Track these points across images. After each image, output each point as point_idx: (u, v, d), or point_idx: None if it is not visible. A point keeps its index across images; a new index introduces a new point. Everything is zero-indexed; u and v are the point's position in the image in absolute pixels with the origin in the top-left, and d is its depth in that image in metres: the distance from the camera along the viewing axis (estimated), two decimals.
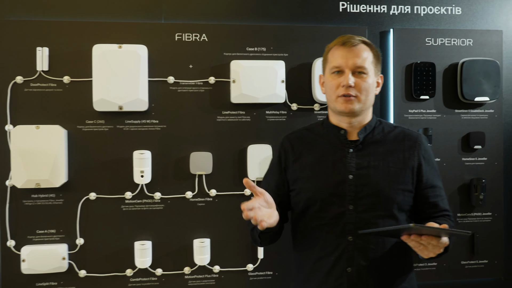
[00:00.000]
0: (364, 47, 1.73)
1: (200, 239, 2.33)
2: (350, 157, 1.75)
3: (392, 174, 1.71)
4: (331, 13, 2.49)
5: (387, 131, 1.79)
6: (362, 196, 1.70)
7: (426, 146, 1.78)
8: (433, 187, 1.76)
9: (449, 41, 2.54)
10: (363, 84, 1.70)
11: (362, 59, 1.71)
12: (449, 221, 1.74)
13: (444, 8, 2.58)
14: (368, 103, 1.75)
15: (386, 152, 1.74)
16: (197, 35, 2.34)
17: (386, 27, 2.54)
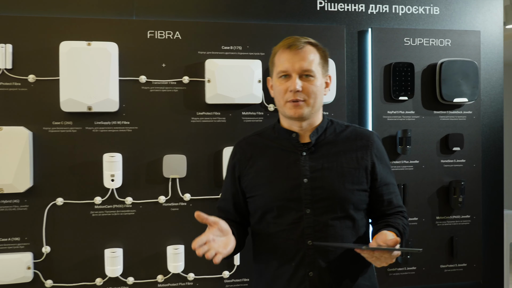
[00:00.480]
0: (311, 48, 1.70)
1: (174, 245, 2.23)
2: (304, 160, 1.71)
3: (346, 174, 1.69)
4: (308, 11, 2.43)
5: (339, 131, 1.77)
6: (319, 199, 1.67)
7: (378, 145, 1.77)
8: (386, 184, 1.76)
9: (428, 41, 2.50)
10: (311, 88, 1.67)
11: (308, 62, 1.67)
12: (402, 219, 1.74)
13: (422, 7, 2.55)
14: (318, 105, 1.71)
15: (339, 153, 1.72)
16: (170, 32, 2.25)
17: (364, 26, 2.49)
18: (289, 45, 1.69)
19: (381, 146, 1.79)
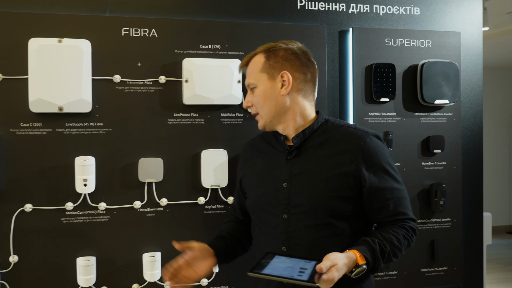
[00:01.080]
0: (255, 58, 1.72)
1: (150, 253, 2.13)
2: (286, 164, 1.68)
3: (326, 179, 1.62)
4: (288, 10, 2.36)
5: (330, 133, 1.69)
6: (295, 205, 1.64)
7: (370, 147, 1.64)
8: (380, 190, 1.63)
9: (408, 42, 2.47)
10: (255, 99, 1.71)
11: (248, 75, 1.73)
12: (396, 230, 1.62)
13: (402, 8, 2.51)
14: (273, 111, 1.69)
15: (323, 157, 1.65)
16: (146, 30, 2.15)
17: (345, 26, 2.43)
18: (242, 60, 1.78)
19: (375, 148, 1.65)
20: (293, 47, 1.72)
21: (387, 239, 1.58)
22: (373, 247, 1.54)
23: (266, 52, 1.70)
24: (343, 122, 1.74)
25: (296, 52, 1.71)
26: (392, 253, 1.58)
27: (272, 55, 1.69)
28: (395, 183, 1.66)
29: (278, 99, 1.68)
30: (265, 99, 1.68)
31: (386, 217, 1.65)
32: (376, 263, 1.53)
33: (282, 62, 1.68)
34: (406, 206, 1.67)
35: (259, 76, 1.69)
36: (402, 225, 1.64)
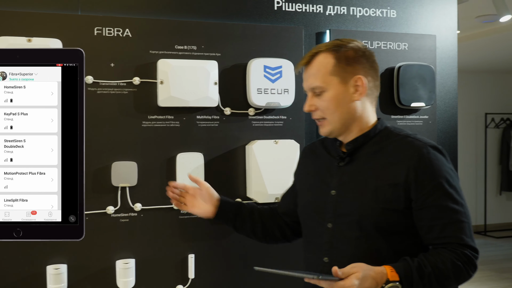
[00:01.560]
0: (323, 56, 1.56)
1: (124, 259, 2.06)
2: (337, 171, 1.60)
3: (374, 190, 1.51)
4: (265, 11, 2.32)
5: (387, 141, 1.58)
6: (340, 214, 1.55)
7: (425, 159, 1.49)
8: (428, 207, 1.47)
9: (385, 45, 2.46)
10: (323, 104, 1.56)
11: (314, 77, 1.57)
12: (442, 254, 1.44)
13: (379, 10, 2.50)
14: (344, 118, 1.56)
15: (375, 166, 1.55)
16: (120, 29, 2.08)
17: (322, 28, 2.41)
18: (301, 60, 1.61)
19: (432, 161, 1.50)
20: (361, 47, 1.61)
21: (429, 260, 1.43)
22: (410, 265, 1.40)
23: (334, 52, 1.56)
24: (404, 131, 1.62)
25: (365, 53, 1.61)
26: (436, 277, 1.40)
27: (343, 56, 1.56)
28: (451, 202, 1.48)
29: (350, 105, 1.56)
30: (337, 104, 1.55)
31: (435, 238, 1.48)
32: (414, 284, 1.38)
33: (354, 64, 1.57)
34: (463, 230, 1.47)
35: (329, 79, 1.55)
36: (454, 249, 1.45)
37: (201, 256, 2.17)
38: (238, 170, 2.22)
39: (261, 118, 2.25)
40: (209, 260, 2.19)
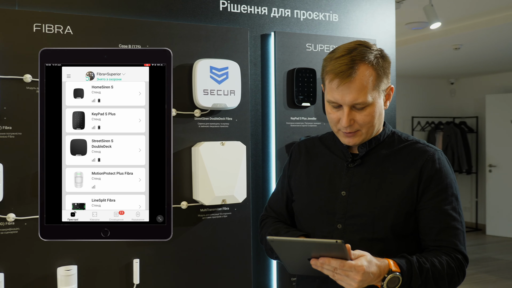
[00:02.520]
0: (363, 70, 1.46)
1: (66, 266, 1.97)
2: (347, 172, 1.58)
3: (387, 192, 1.52)
4: (211, 11, 2.30)
5: (397, 146, 1.59)
6: (352, 215, 1.54)
7: (436, 164, 1.53)
8: (432, 209, 1.51)
9: (328, 48, 2.50)
10: (365, 118, 1.50)
11: (360, 93, 1.46)
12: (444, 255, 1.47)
13: (322, 14, 2.54)
14: (375, 128, 1.55)
15: (387, 169, 1.55)
16: (60, 27, 2.00)
17: (267, 30, 2.42)
18: (340, 72, 1.46)
19: (440, 166, 1.54)
20: (384, 52, 1.57)
21: (428, 258, 1.45)
22: (410, 260, 1.42)
23: (373, 65, 1.48)
24: (411, 137, 1.64)
25: (388, 59, 1.57)
26: (433, 275, 1.43)
27: (380, 68, 1.50)
28: (450, 208, 1.52)
29: (382, 115, 1.56)
30: (376, 117, 1.52)
31: (431, 240, 1.52)
32: (413, 277, 1.40)
33: (388, 75, 1.54)
34: (458, 237, 1.51)
35: (372, 94, 1.48)
36: (448, 252, 1.49)
37: (146, 261, 2.12)
38: (184, 172, 2.18)
39: (207, 119, 2.22)
40: (154, 265, 2.13)
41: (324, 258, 1.33)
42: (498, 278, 6.09)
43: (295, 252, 1.42)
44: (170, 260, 2.16)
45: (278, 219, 1.79)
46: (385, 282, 1.37)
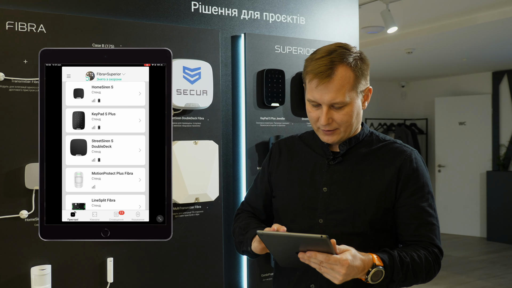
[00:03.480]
0: (342, 71, 1.53)
1: (39, 266, 1.96)
2: (328, 169, 1.64)
3: (367, 189, 1.60)
4: (183, 12, 2.33)
5: (376, 145, 1.67)
6: (333, 211, 1.60)
7: (413, 164, 1.62)
8: (409, 206, 1.59)
9: (296, 50, 2.57)
10: (343, 117, 1.57)
11: (339, 93, 1.53)
12: (422, 249, 1.54)
13: (290, 17, 2.60)
14: (353, 127, 1.62)
15: (367, 167, 1.63)
16: (34, 25, 1.99)
17: (237, 31, 2.46)
18: (319, 72, 1.52)
19: (416, 166, 1.62)
20: (363, 54, 1.62)
21: (407, 252, 1.52)
22: (392, 254, 1.49)
23: (351, 66, 1.54)
24: (388, 137, 1.71)
25: (367, 61, 1.62)
26: (412, 268, 1.50)
27: (359, 69, 1.56)
28: (427, 205, 1.60)
29: (360, 115, 1.62)
30: (354, 117, 1.58)
31: (410, 236, 1.59)
32: (395, 271, 1.46)
33: (367, 76, 1.60)
34: (434, 232, 1.59)
35: (350, 94, 1.55)
36: (426, 247, 1.57)
37: (120, 259, 2.13)
38: None
39: (180, 119, 2.25)
40: (129, 264, 2.15)
41: (311, 252, 1.38)
42: (449, 274, 6.32)
43: (283, 246, 1.47)
44: (143, 258, 2.17)
45: (252, 213, 1.84)
46: (369, 276, 1.43)
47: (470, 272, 6.48)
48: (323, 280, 1.57)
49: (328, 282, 1.56)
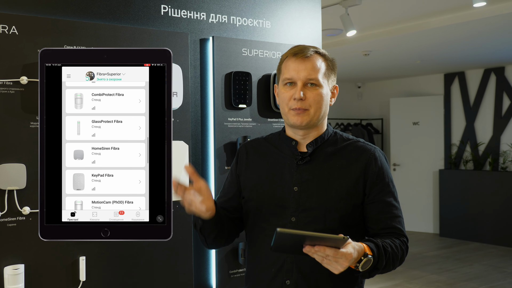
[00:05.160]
0: (317, 57, 1.70)
1: (13, 265, 1.98)
2: (297, 169, 1.71)
3: (336, 186, 1.68)
4: (152, 15, 2.38)
5: (340, 144, 1.76)
6: (305, 209, 1.67)
7: (378, 162, 1.73)
8: (379, 202, 1.70)
9: (262, 53, 2.65)
10: (316, 97, 1.67)
11: (314, 71, 1.67)
12: (393, 240, 1.65)
13: (256, 21, 2.68)
14: (322, 114, 1.71)
15: (335, 166, 1.71)
16: (5, 26, 2.00)
17: (206, 34, 2.53)
18: (296, 52, 1.67)
19: (382, 164, 1.73)
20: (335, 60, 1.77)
21: (387, 242, 1.62)
22: (376, 243, 1.58)
23: (326, 60, 1.72)
24: (351, 136, 1.81)
25: (336, 65, 1.77)
26: (391, 256, 1.60)
27: (331, 65, 1.73)
28: (393, 200, 1.73)
29: (327, 108, 1.72)
30: (323, 102, 1.70)
31: (381, 229, 1.70)
32: (379, 259, 1.55)
33: (335, 74, 1.74)
34: (401, 223, 1.72)
35: (323, 79, 1.69)
36: (398, 237, 1.69)
37: (92, 258, 2.16)
38: None
39: None
40: (101, 262, 2.18)
41: (320, 247, 1.43)
42: (404, 269, 6.54)
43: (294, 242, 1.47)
44: (114, 257, 2.21)
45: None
46: (360, 264, 1.51)
47: (424, 266, 6.73)
48: (298, 276, 1.67)
49: (303, 278, 1.66)
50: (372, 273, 1.58)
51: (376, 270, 1.57)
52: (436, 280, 6.11)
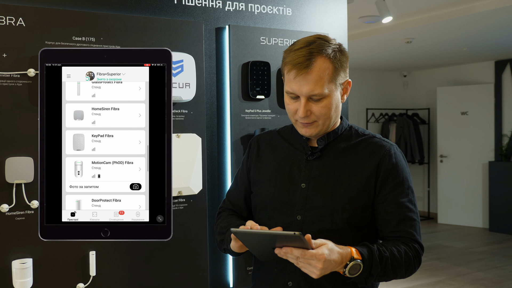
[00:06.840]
0: (321, 63, 1.52)
1: (20, 259, 1.97)
2: (307, 165, 1.62)
3: (346, 185, 1.58)
4: (165, 4, 2.31)
5: (354, 140, 1.65)
6: (311, 207, 1.58)
7: (393, 159, 1.60)
8: (389, 202, 1.57)
9: (282, 41, 2.55)
10: (321, 109, 1.55)
11: (317, 85, 1.51)
12: (402, 245, 1.54)
13: (276, 8, 2.58)
14: (332, 121, 1.60)
15: (346, 163, 1.61)
16: (12, 18, 1.98)
17: (221, 23, 2.45)
18: (296, 63, 1.51)
19: (398, 163, 1.61)
20: (343, 46, 1.60)
21: (387, 247, 1.52)
22: (371, 248, 1.48)
23: (330, 58, 1.53)
24: (367, 131, 1.70)
25: (346, 54, 1.60)
26: (392, 263, 1.49)
27: (338, 61, 1.55)
28: (407, 201, 1.59)
29: (339, 108, 1.61)
30: (332, 109, 1.57)
31: (390, 232, 1.58)
32: (373, 265, 1.45)
33: (346, 69, 1.59)
34: (414, 227, 1.58)
35: (329, 86, 1.53)
36: (406, 242, 1.56)
37: (102, 252, 2.13)
38: None
39: None
40: (111, 257, 2.15)
41: (287, 248, 1.37)
42: (448, 265, 6.32)
43: (259, 243, 1.46)
44: (126, 252, 2.18)
45: (234, 211, 1.83)
46: (347, 269, 1.41)
47: (470, 263, 6.47)
48: (300, 277, 1.57)
49: (306, 280, 1.57)
50: (368, 280, 1.47)
51: (371, 277, 1.46)
52: (481, 278, 5.86)
